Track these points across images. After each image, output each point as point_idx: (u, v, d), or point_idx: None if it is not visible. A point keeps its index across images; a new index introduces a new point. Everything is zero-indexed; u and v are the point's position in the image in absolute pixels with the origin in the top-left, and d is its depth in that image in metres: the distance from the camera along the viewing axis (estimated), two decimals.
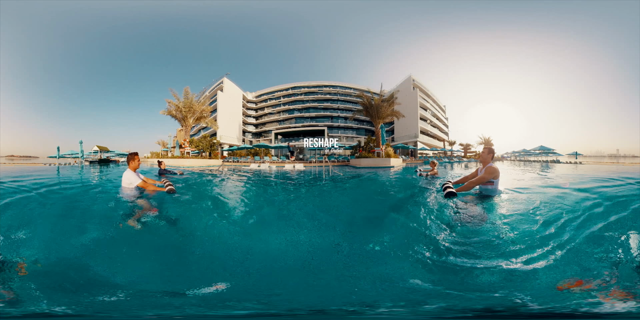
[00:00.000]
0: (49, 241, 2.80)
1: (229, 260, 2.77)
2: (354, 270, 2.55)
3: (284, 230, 3.50)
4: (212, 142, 31.73)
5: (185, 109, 23.68)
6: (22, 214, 3.42)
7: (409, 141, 40.11)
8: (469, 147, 45.09)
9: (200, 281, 2.23)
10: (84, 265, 2.46)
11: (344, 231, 3.41)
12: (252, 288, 2.25)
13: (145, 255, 2.76)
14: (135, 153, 3.91)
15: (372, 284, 2.31)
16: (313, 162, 26.01)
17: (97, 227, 3.09)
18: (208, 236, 3.20)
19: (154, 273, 2.47)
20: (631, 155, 56.55)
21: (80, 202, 4.11)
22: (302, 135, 39.58)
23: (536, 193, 4.58)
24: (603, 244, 2.61)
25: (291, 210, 4.42)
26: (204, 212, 3.89)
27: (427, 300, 1.96)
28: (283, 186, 7.10)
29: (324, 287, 2.27)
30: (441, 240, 2.89)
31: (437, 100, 47.87)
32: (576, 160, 26.87)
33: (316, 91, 47.36)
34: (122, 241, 2.90)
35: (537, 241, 2.78)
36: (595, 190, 4.48)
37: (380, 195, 5.90)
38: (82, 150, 24.03)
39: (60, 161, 25.15)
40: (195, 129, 41.24)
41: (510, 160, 37.50)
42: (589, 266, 2.32)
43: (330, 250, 2.92)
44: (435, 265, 2.52)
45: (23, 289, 2.01)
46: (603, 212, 3.37)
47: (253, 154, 31.06)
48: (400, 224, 3.46)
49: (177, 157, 22.64)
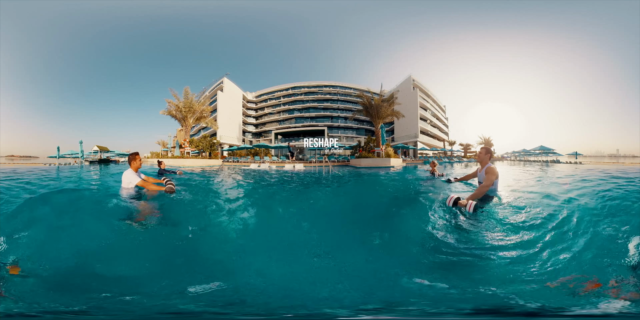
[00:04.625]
0: (48, 241, 2.79)
1: (229, 260, 2.76)
2: (355, 269, 2.55)
3: (284, 230, 3.49)
4: (212, 142, 31.73)
5: (185, 109, 23.68)
6: (21, 214, 3.41)
7: (409, 141, 40.10)
8: (469, 147, 45.10)
9: (200, 281, 2.22)
10: (83, 265, 2.45)
11: (345, 230, 3.40)
12: (252, 288, 2.24)
13: (145, 255, 2.76)
14: (136, 153, 3.89)
15: (372, 283, 2.30)
16: (313, 162, 26.00)
17: (96, 227, 3.08)
18: (208, 236, 3.20)
19: (153, 273, 2.47)
20: (631, 155, 56.58)
21: (79, 202, 4.10)
22: (302, 135, 39.56)
23: (536, 193, 4.57)
24: (603, 244, 2.61)
25: (291, 210, 4.41)
26: (204, 212, 3.88)
27: (428, 300, 1.96)
28: (283, 186, 7.09)
29: (324, 287, 2.26)
30: (441, 240, 2.89)
31: (437, 100, 47.86)
32: (576, 160, 26.85)
33: (316, 91, 47.35)
34: (122, 241, 2.90)
35: (538, 241, 2.77)
36: (595, 191, 4.47)
37: (381, 195, 5.90)
38: (82, 150, 24.04)
39: (60, 161, 25.14)
40: (195, 129, 41.22)
41: (510, 160, 37.49)
42: (589, 266, 2.32)
43: (331, 249, 2.91)
44: (435, 264, 2.52)
45: (22, 288, 2.01)
46: (603, 212, 3.37)
47: (253, 154, 31.05)
48: (401, 222, 3.45)
49: (177, 157, 22.63)
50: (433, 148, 40.68)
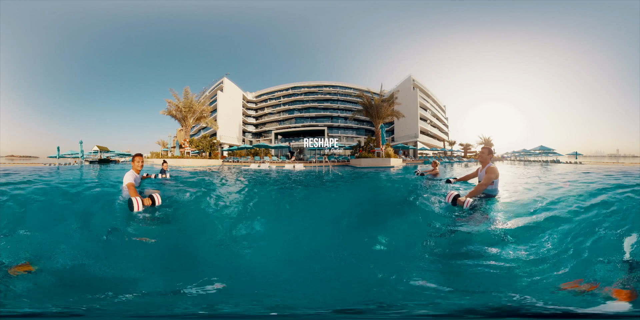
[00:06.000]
0: (47, 241, 2.79)
1: (229, 260, 2.76)
2: (356, 270, 2.55)
3: (284, 230, 3.49)
4: (212, 142, 31.73)
5: (185, 109, 23.67)
6: (20, 214, 3.41)
7: (409, 141, 40.09)
8: (469, 147, 45.09)
9: (199, 281, 2.22)
10: (82, 265, 2.45)
11: (346, 231, 3.40)
12: (252, 288, 2.24)
13: (144, 255, 2.75)
14: (137, 154, 3.89)
15: (373, 283, 2.30)
16: (313, 162, 25.99)
17: (95, 227, 3.08)
18: (207, 236, 3.20)
19: (153, 273, 2.47)
20: (631, 155, 56.59)
21: (79, 201, 4.10)
22: (302, 135, 39.55)
23: (536, 193, 4.57)
24: (604, 244, 2.61)
25: (291, 210, 4.42)
26: (204, 212, 3.88)
27: (428, 300, 1.96)
28: (283, 186, 7.09)
29: (324, 286, 2.26)
30: (442, 239, 2.89)
31: (437, 100, 47.85)
32: (576, 160, 26.84)
33: (316, 91, 47.34)
34: (121, 241, 2.90)
35: (538, 241, 2.77)
36: (595, 190, 4.47)
37: (381, 195, 5.90)
38: (82, 150, 24.04)
39: (60, 161, 25.14)
40: (195, 129, 41.22)
41: (510, 160, 37.49)
42: (590, 266, 2.32)
43: (332, 249, 2.91)
44: (436, 264, 2.52)
45: (22, 288, 2.01)
46: (603, 212, 3.36)
47: (253, 154, 31.05)
48: (402, 223, 3.45)
49: (177, 157, 22.63)
50: (433, 148, 40.67)
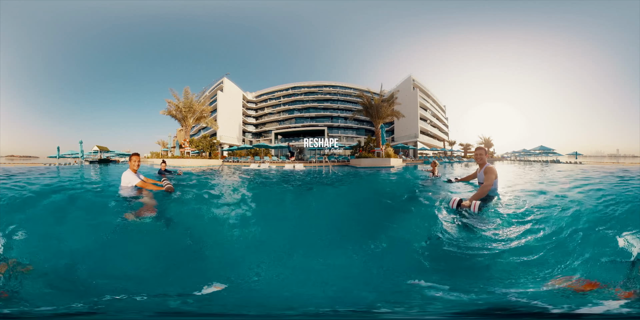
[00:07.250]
0: (46, 241, 2.79)
1: (228, 260, 2.76)
2: (356, 269, 2.55)
3: (284, 230, 3.49)
4: (212, 142, 31.74)
5: (185, 109, 23.67)
6: (20, 213, 3.41)
7: (409, 141, 40.09)
8: (469, 147, 45.10)
9: (199, 281, 2.22)
10: (81, 265, 2.45)
11: (346, 231, 3.40)
12: (252, 288, 2.24)
13: (144, 255, 2.75)
14: (134, 154, 3.98)
15: (372, 283, 2.30)
16: (313, 162, 25.99)
17: (95, 227, 3.08)
18: (207, 236, 3.19)
19: (152, 273, 2.47)
20: (631, 155, 56.59)
21: (78, 201, 4.10)
22: (302, 135, 39.54)
23: (536, 193, 4.57)
24: (604, 243, 2.60)
25: (291, 210, 4.42)
26: (204, 212, 3.88)
27: (429, 299, 1.96)
28: (283, 186, 7.09)
29: (324, 286, 2.26)
30: (442, 240, 2.88)
31: (437, 100, 47.86)
32: (576, 160, 26.84)
33: (316, 91, 47.34)
34: (121, 241, 2.90)
35: (538, 241, 2.77)
36: (595, 190, 4.47)
37: (381, 195, 5.89)
38: (82, 150, 24.05)
39: (60, 161, 25.14)
40: (195, 129, 41.22)
41: (510, 160, 37.49)
42: (590, 265, 2.32)
43: (332, 249, 2.91)
44: (436, 265, 2.51)
45: (21, 288, 2.00)
46: (602, 212, 3.36)
47: (253, 154, 31.05)
48: (402, 223, 3.45)
49: (177, 157, 22.64)
50: (433, 148, 40.67)
